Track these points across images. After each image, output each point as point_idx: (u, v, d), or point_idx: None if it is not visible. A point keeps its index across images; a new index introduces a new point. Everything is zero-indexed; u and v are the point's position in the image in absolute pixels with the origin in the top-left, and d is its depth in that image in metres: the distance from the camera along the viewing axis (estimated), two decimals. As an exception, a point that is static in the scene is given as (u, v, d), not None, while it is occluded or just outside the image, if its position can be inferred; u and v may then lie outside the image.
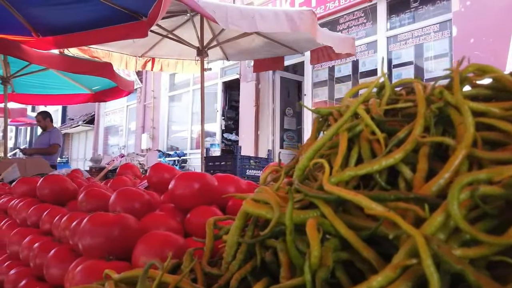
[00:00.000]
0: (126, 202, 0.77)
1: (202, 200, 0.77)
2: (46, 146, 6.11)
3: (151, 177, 1.00)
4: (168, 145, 11.35)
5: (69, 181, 1.09)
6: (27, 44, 4.93)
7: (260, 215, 0.45)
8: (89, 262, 0.60)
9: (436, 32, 5.68)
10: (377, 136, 0.51)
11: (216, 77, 9.98)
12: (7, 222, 1.12)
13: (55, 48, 5.10)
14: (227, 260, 0.47)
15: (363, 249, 0.38)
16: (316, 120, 0.64)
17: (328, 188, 0.42)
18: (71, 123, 15.83)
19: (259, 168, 3.74)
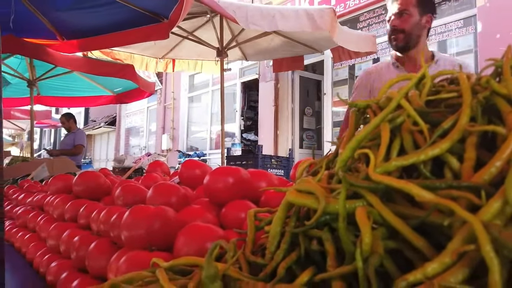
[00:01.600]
0: (163, 196, 0.78)
1: (236, 194, 0.78)
2: (70, 147, 6.27)
3: (183, 173, 1.02)
4: (188, 146, 11.47)
5: (103, 178, 1.12)
6: (52, 47, 5.06)
7: (305, 205, 0.46)
8: (133, 253, 0.62)
9: (460, 28, 5.56)
10: (419, 127, 0.51)
11: (235, 77, 10.03)
12: (44, 218, 1.16)
13: (79, 51, 5.22)
14: (270, 250, 0.48)
15: (413, 238, 0.38)
16: (353, 113, 0.63)
17: (376, 178, 0.42)
18: (93, 124, 16.18)
19: (281, 167, 3.74)
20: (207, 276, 0.39)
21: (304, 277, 0.41)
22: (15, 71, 6.31)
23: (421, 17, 1.97)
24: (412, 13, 1.95)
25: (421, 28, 1.98)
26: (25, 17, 4.45)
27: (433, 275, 0.33)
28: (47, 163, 3.55)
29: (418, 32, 1.97)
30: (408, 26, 1.95)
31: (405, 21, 1.95)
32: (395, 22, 1.98)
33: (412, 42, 1.97)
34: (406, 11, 1.95)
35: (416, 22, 1.95)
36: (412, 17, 1.95)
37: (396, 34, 1.99)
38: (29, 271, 1.03)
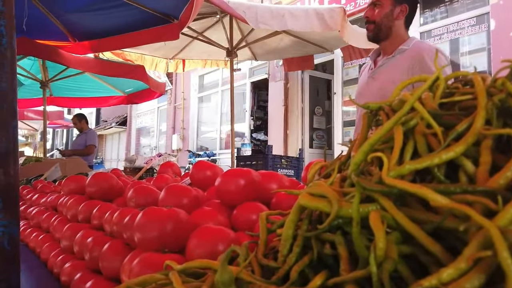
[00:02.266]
0: (175, 198, 0.79)
1: (248, 196, 0.78)
2: (82, 147, 6.34)
3: (194, 174, 1.03)
4: (198, 146, 11.52)
5: (116, 179, 1.13)
6: (65, 49, 5.13)
7: (318, 209, 0.46)
8: (146, 255, 0.62)
9: (472, 26, 5.48)
10: (433, 130, 0.50)
11: (245, 77, 10.04)
12: (57, 218, 1.18)
13: (90, 52, 5.28)
14: (283, 253, 0.48)
15: (428, 243, 0.38)
16: (365, 115, 0.63)
17: (390, 182, 0.41)
18: (105, 125, 16.35)
19: (291, 168, 3.73)
20: (221, 281, 0.39)
21: (317, 281, 0.41)
22: (28, 72, 6.41)
23: (394, 7, 1.97)
24: (384, 4, 1.97)
25: (392, 19, 1.98)
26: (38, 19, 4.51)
27: (448, 281, 0.32)
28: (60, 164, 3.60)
29: (388, 23, 1.98)
30: (378, 17, 1.97)
31: (377, 12, 1.98)
32: (367, 13, 2.02)
33: (382, 33, 1.99)
34: (378, 2, 1.98)
35: (386, 13, 1.97)
36: (384, 9, 1.97)
37: (368, 25, 2.03)
38: (43, 271, 1.04)
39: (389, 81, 1.90)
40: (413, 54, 1.90)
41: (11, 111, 0.75)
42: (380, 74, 2.00)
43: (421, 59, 1.86)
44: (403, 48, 1.95)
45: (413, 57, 1.89)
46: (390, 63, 1.97)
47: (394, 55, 1.96)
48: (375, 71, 2.03)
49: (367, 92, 2.04)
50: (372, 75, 2.04)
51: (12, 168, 0.74)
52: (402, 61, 1.92)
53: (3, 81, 0.75)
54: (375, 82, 2.00)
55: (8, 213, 0.72)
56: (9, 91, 0.76)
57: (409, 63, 1.88)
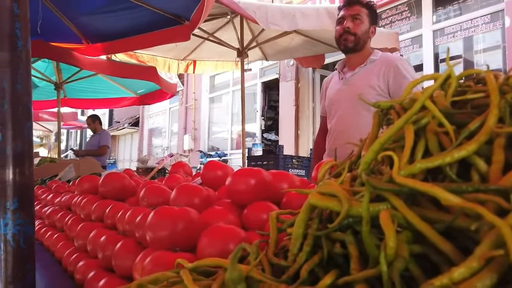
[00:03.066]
0: (187, 198, 0.79)
1: (258, 195, 0.78)
2: (96, 148, 6.42)
3: (205, 174, 1.03)
4: (209, 146, 11.57)
5: (128, 179, 1.15)
6: (78, 51, 5.20)
7: (328, 208, 0.46)
8: (158, 253, 0.63)
9: (487, 23, 5.39)
10: (445, 129, 0.50)
11: (255, 77, 10.05)
12: (71, 218, 1.19)
13: (103, 54, 5.34)
14: (293, 252, 0.48)
15: (439, 242, 0.37)
16: (376, 114, 0.63)
17: (400, 181, 0.41)
18: (118, 125, 16.54)
19: (302, 168, 3.72)
20: (231, 278, 0.40)
21: (327, 279, 0.41)
22: (43, 74, 6.52)
23: (369, 26, 2.19)
24: (364, 21, 2.16)
25: (368, 36, 2.20)
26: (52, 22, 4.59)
27: (459, 280, 0.32)
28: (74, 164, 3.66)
29: (364, 39, 2.18)
30: (360, 31, 2.15)
31: (358, 25, 2.15)
32: (348, 24, 2.15)
33: (359, 46, 2.17)
34: (358, 16, 2.15)
35: (366, 29, 2.17)
36: (364, 25, 2.16)
37: (347, 36, 2.17)
38: (58, 269, 1.06)
39: (366, 85, 2.10)
40: (385, 62, 2.12)
41: (26, 112, 0.77)
42: (355, 80, 2.18)
43: (395, 66, 2.08)
44: (373, 59, 2.18)
45: (386, 65, 2.11)
46: (363, 71, 2.17)
47: (366, 64, 2.17)
48: (349, 78, 2.22)
49: (342, 98, 2.22)
50: (346, 83, 2.22)
51: (27, 168, 0.76)
52: (374, 68, 2.13)
53: (18, 82, 0.76)
54: (350, 88, 2.18)
55: (23, 213, 0.74)
56: (24, 92, 0.78)
57: (383, 70, 2.10)
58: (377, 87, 2.07)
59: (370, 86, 2.08)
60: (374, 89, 2.07)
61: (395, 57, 2.24)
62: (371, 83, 2.08)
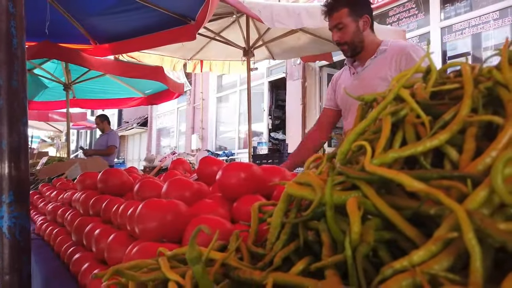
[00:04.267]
0: (177, 191, 0.81)
1: (248, 189, 0.79)
2: (104, 147, 6.50)
3: (201, 170, 1.05)
4: (217, 145, 11.62)
5: (126, 174, 1.17)
6: (86, 51, 5.26)
7: (303, 196, 0.47)
8: (145, 244, 0.64)
9: (495, 20, 5.32)
10: (422, 120, 0.50)
11: (262, 76, 10.06)
12: (71, 213, 1.22)
13: (111, 54, 5.40)
14: (271, 240, 0.49)
15: (405, 228, 0.38)
16: (359, 107, 0.63)
17: (370, 169, 0.42)
18: (126, 126, 16.69)
19: (307, 166, 3.71)
20: (190, 258, 0.41)
21: (299, 265, 0.42)
22: (52, 75, 6.61)
23: (357, 23, 2.06)
24: (347, 23, 2.05)
25: (360, 33, 2.08)
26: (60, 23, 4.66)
27: (418, 262, 0.33)
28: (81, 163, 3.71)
29: (359, 38, 2.08)
30: (348, 37, 2.06)
31: (344, 33, 2.06)
32: (336, 37, 2.10)
33: (358, 48, 2.09)
34: (340, 24, 2.05)
35: (353, 31, 2.06)
36: (349, 28, 2.05)
37: (341, 47, 2.11)
38: (56, 262, 1.08)
39: (377, 77, 2.01)
40: (397, 50, 2.01)
41: (21, 108, 0.79)
42: (365, 74, 2.10)
43: (407, 54, 1.97)
44: (383, 48, 2.07)
45: (398, 53, 2.00)
46: (373, 63, 2.08)
47: (376, 56, 2.07)
48: (360, 73, 2.14)
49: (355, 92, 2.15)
50: (356, 78, 2.15)
51: (23, 162, 0.78)
52: (385, 59, 2.03)
53: (14, 79, 0.79)
54: (361, 82, 2.11)
55: (19, 205, 0.76)
56: (19, 89, 0.80)
57: (394, 58, 1.99)
58: (390, 77, 1.98)
59: (381, 78, 1.99)
60: (386, 80, 1.98)
61: (407, 44, 2.10)
62: (382, 75, 1.99)
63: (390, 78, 1.97)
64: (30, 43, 5.00)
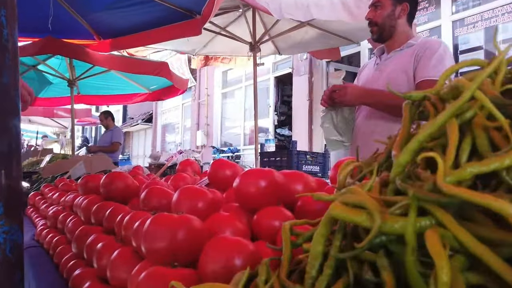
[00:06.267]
0: (190, 201, 0.71)
1: (269, 199, 0.70)
2: (108, 144, 6.44)
3: (212, 174, 0.95)
4: (222, 142, 11.53)
5: (131, 179, 1.07)
6: (90, 47, 5.19)
7: (354, 222, 0.37)
8: (153, 269, 0.55)
9: (509, 12, 5.16)
10: (497, 123, 0.40)
11: (268, 72, 9.94)
12: (72, 220, 1.13)
13: (115, 50, 5.32)
14: (311, 274, 0.40)
15: (505, 272, 0.28)
16: (407, 107, 0.53)
17: (450, 190, 0.32)
18: (131, 122, 16.64)
19: (316, 164, 3.61)
20: None
21: (354, 315, 0.32)
22: (56, 71, 6.54)
23: (394, 7, 1.99)
24: (385, 4, 1.99)
25: (394, 19, 2.00)
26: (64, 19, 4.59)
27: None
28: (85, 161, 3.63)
29: (391, 23, 2.00)
30: (380, 19, 1.99)
31: (378, 13, 2.00)
32: (369, 15, 2.04)
33: (386, 33, 2.01)
34: (379, 3, 2.00)
35: (388, 14, 1.99)
36: (384, 10, 1.99)
37: (371, 27, 2.04)
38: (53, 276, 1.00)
39: (398, 69, 1.93)
40: (423, 45, 1.93)
41: (13, 107, 0.70)
42: (386, 65, 2.02)
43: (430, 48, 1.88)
44: (411, 43, 1.97)
45: (422, 46, 1.92)
46: (398, 56, 1.99)
47: (402, 49, 1.99)
48: (382, 64, 2.06)
49: (373, 84, 2.04)
50: (378, 68, 2.07)
51: (14, 169, 0.69)
52: (408, 53, 1.94)
53: (4, 75, 0.69)
54: (382, 74, 2.02)
55: (9, 218, 0.67)
56: (11, 86, 0.71)
57: (416, 50, 1.91)
58: (410, 71, 1.88)
59: (403, 71, 1.88)
60: (405, 73, 1.87)
61: (436, 41, 2.01)
62: (405, 67, 1.88)
63: (410, 71, 1.87)
64: (33, 39, 4.93)
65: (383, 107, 1.88)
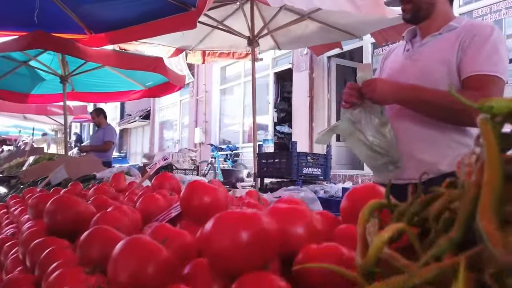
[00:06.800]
0: (137, 261, 0.48)
1: (255, 257, 0.47)
2: (100, 143, 6.23)
3: (186, 200, 0.73)
4: (221, 139, 11.31)
5: (84, 204, 0.83)
6: (81, 42, 4.97)
7: None
8: None
9: (519, 5, 4.93)
10: None
11: (268, 68, 9.70)
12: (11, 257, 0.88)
13: (107, 44, 5.11)
14: None
15: None
16: (487, 126, 0.31)
17: None
18: (129, 119, 16.41)
19: (317, 166, 3.38)
20: None
21: None
22: (48, 67, 6.32)
23: None
24: None
25: None
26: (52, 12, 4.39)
27: None
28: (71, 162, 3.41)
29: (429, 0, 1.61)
30: None
31: None
32: None
33: (423, 12, 1.62)
34: None
35: None
36: None
37: (404, 6, 1.65)
38: None
39: (435, 59, 1.54)
40: (470, 29, 1.52)
41: None
42: (422, 54, 1.62)
43: (481, 35, 1.48)
44: (453, 25, 1.57)
45: (469, 31, 1.52)
46: (436, 41, 1.59)
47: (442, 33, 1.59)
48: (415, 51, 1.65)
49: (403, 77, 1.63)
50: (410, 56, 1.66)
51: None
52: (452, 37, 1.54)
53: None
54: (415, 64, 1.62)
55: None
56: None
57: (462, 36, 1.51)
58: (452, 62, 1.51)
59: (443, 62, 1.51)
60: (446, 65, 1.50)
61: (486, 25, 1.59)
62: (445, 57, 1.51)
63: (452, 63, 1.49)
64: (20, 32, 4.70)
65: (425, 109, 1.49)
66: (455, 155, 1.50)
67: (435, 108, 1.46)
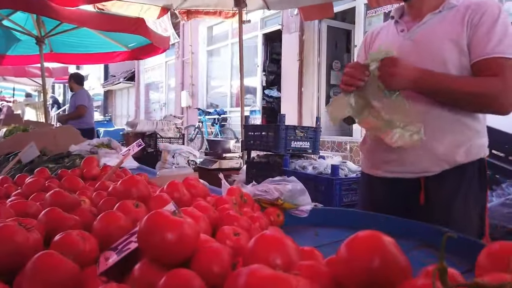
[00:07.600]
0: None
1: None
2: (73, 109, 5.99)
3: (143, 236, 0.59)
4: (208, 103, 11.05)
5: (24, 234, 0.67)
6: (55, 1, 4.59)
7: None
8: None
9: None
10: None
11: (256, 28, 9.31)
12: None
13: (83, 4, 4.73)
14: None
15: None
16: None
17: None
18: (113, 80, 15.89)
19: (306, 139, 3.25)
20: None
21: None
22: (22, 28, 5.91)
23: None
24: None
25: None
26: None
27: None
28: (47, 135, 3.21)
29: None
30: None
31: None
32: None
33: None
34: None
35: None
36: None
37: None
38: None
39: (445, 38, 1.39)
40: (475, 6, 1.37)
41: None
42: (425, 32, 1.45)
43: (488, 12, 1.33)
44: (452, 3, 1.43)
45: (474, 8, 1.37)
46: (437, 19, 1.44)
47: (442, 11, 1.44)
48: (416, 30, 1.48)
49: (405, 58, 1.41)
50: (410, 37, 1.49)
51: None
52: (456, 15, 1.39)
53: None
54: (418, 44, 1.45)
55: None
56: None
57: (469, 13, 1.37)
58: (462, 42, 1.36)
59: (452, 40, 1.37)
60: (457, 45, 1.36)
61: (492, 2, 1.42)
62: (453, 36, 1.37)
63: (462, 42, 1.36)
64: (-15, -10, 4.31)
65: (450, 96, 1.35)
66: (470, 143, 1.39)
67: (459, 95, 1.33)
